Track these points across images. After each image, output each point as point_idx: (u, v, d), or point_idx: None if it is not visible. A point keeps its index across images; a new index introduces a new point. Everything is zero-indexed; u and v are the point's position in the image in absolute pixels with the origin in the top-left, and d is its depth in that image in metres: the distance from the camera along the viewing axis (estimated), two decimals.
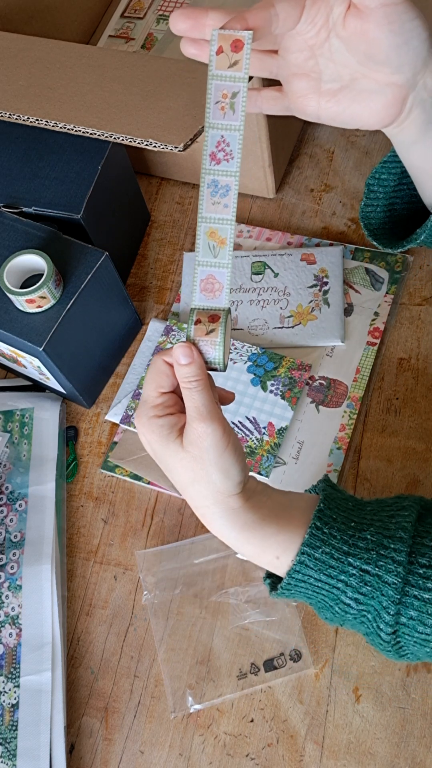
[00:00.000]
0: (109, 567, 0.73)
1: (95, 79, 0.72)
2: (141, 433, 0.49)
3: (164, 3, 1.03)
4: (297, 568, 0.48)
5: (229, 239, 0.45)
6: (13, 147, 0.79)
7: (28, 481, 0.76)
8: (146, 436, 0.49)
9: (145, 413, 0.49)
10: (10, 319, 0.69)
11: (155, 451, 0.49)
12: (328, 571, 0.47)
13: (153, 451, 0.49)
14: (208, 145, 0.44)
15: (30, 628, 0.69)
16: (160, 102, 0.68)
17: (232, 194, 0.45)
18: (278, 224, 0.87)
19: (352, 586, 0.47)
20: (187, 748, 0.65)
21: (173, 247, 0.89)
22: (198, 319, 0.46)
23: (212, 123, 0.43)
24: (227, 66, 0.43)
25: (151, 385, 0.49)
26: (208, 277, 0.46)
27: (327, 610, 0.49)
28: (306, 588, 0.49)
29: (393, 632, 0.47)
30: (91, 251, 0.72)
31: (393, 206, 0.60)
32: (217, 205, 0.45)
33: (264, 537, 0.49)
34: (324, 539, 0.47)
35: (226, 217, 0.45)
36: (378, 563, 0.46)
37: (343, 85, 0.49)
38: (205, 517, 0.49)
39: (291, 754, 0.63)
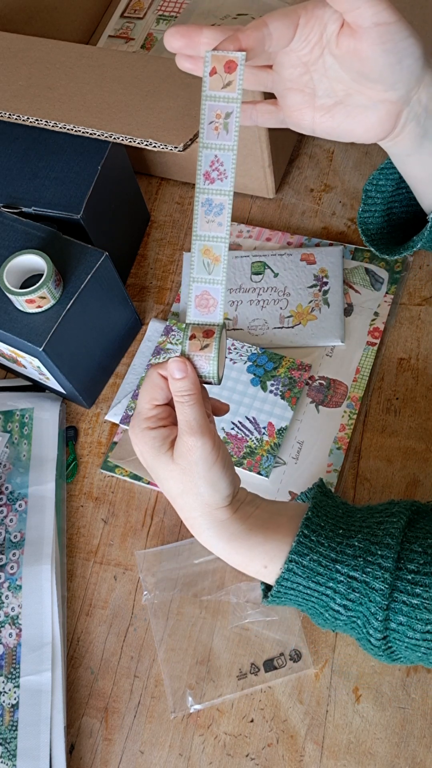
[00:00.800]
0: (109, 567, 0.73)
1: (95, 79, 0.72)
2: (134, 444, 0.50)
3: (164, 3, 1.03)
4: (285, 576, 0.48)
5: (223, 256, 0.46)
6: (13, 147, 0.79)
7: (28, 481, 0.76)
8: (139, 446, 0.50)
9: (138, 425, 0.50)
10: (10, 319, 0.69)
11: (147, 461, 0.50)
12: (316, 579, 0.47)
13: (145, 461, 0.50)
14: (202, 165, 0.45)
15: (30, 628, 0.69)
16: (160, 102, 0.68)
17: (226, 213, 0.46)
18: (278, 224, 0.87)
19: (340, 593, 0.47)
20: (187, 748, 0.65)
21: (173, 247, 0.89)
22: (192, 334, 0.47)
23: (206, 143, 0.44)
24: (221, 87, 0.43)
25: (145, 397, 0.50)
26: (203, 293, 0.47)
27: (318, 616, 0.50)
28: (296, 595, 0.49)
29: (383, 638, 0.47)
30: (91, 251, 0.72)
31: (391, 211, 0.60)
32: (212, 224, 0.46)
33: (251, 547, 0.49)
34: (311, 547, 0.48)
35: (220, 235, 0.46)
36: (365, 570, 0.46)
37: (338, 101, 0.49)
38: (193, 528, 0.50)
39: (291, 754, 0.63)
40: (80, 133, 0.66)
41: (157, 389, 0.49)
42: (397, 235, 0.61)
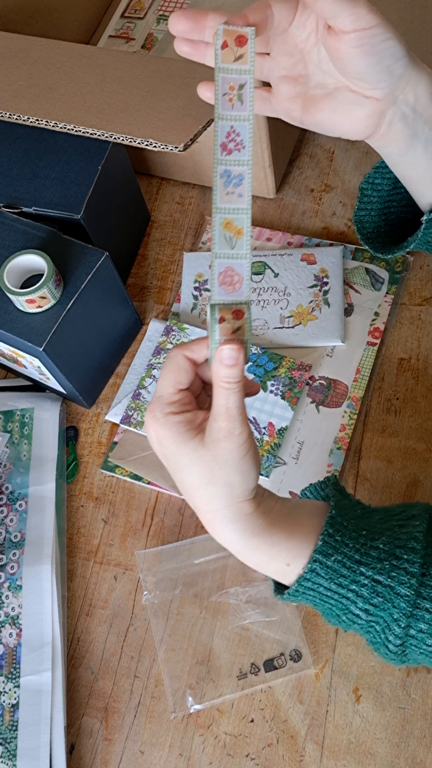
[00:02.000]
0: (109, 567, 0.73)
1: (95, 79, 0.72)
2: (152, 430, 0.47)
3: (164, 3, 1.03)
4: (308, 576, 0.46)
5: (246, 229, 0.44)
6: (13, 147, 0.79)
7: (28, 481, 0.76)
8: (159, 432, 0.47)
9: (161, 409, 0.47)
10: (10, 319, 0.69)
11: (167, 448, 0.47)
12: (338, 580, 0.46)
13: (163, 448, 0.47)
14: (219, 136, 0.44)
15: (30, 628, 0.69)
16: (160, 102, 0.68)
17: (246, 183, 0.44)
18: (278, 224, 0.87)
19: (363, 597, 0.46)
20: (187, 748, 0.65)
21: (173, 247, 0.89)
22: (222, 317, 0.45)
23: (221, 114, 0.44)
24: (233, 60, 0.43)
25: (168, 381, 0.47)
26: (226, 270, 0.45)
27: (332, 617, 0.48)
28: (314, 596, 0.47)
29: (401, 644, 0.46)
30: (91, 251, 0.72)
31: (389, 210, 0.60)
32: (231, 195, 0.44)
33: (273, 543, 0.47)
34: (336, 547, 0.46)
35: (241, 207, 0.44)
36: (391, 574, 0.45)
37: (327, 93, 0.50)
38: (213, 521, 0.48)
39: (291, 754, 0.63)
40: (80, 133, 0.66)
41: (182, 372, 0.47)
42: (395, 235, 0.61)
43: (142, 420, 0.76)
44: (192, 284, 0.84)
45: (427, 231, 0.54)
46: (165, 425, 0.46)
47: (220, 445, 0.45)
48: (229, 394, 0.45)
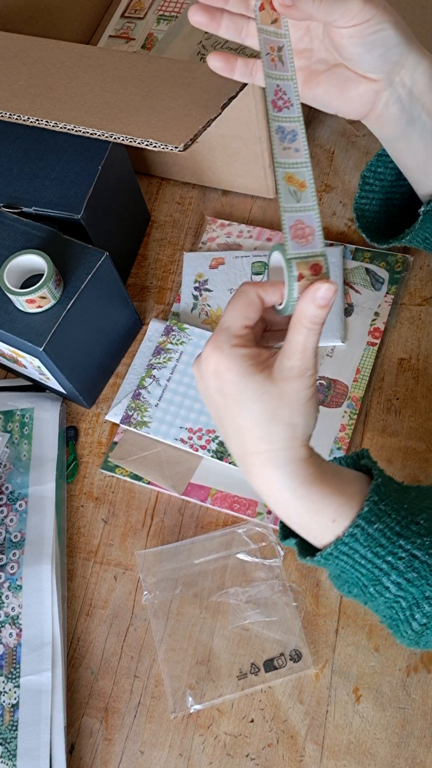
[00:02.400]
0: (109, 567, 0.73)
1: (95, 79, 0.72)
2: (213, 362, 0.45)
3: (164, 3, 1.03)
4: (346, 540, 0.45)
5: (309, 182, 0.45)
6: (13, 147, 0.79)
7: (28, 481, 0.76)
8: (222, 364, 0.45)
9: (227, 341, 0.45)
10: (10, 319, 0.69)
11: (227, 381, 0.45)
12: (376, 549, 0.45)
13: (222, 382, 0.45)
14: (269, 94, 0.45)
15: (30, 628, 0.69)
16: (160, 102, 0.68)
17: (301, 138, 0.45)
18: (279, 224, 0.87)
19: (398, 570, 0.44)
20: (187, 748, 0.65)
21: (173, 247, 0.89)
22: (300, 274, 0.44)
23: (268, 73, 0.45)
24: (270, 22, 0.45)
25: (238, 314, 0.46)
26: (296, 223, 0.44)
27: (356, 587, 0.47)
28: (345, 561, 0.46)
29: (425, 623, 0.45)
30: (91, 251, 0.72)
31: (391, 202, 0.59)
32: (288, 150, 0.45)
33: (324, 496, 0.46)
34: (379, 515, 0.45)
35: (299, 161, 0.45)
36: (429, 551, 0.44)
37: (327, 69, 0.51)
38: (265, 464, 0.46)
39: (291, 754, 0.63)
40: (81, 133, 0.66)
41: (253, 309, 0.46)
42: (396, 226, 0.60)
43: (143, 420, 0.76)
44: (192, 284, 0.84)
45: (425, 224, 0.54)
46: (230, 357, 0.45)
47: (290, 384, 0.44)
48: (310, 334, 0.44)
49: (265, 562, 0.70)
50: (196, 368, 0.47)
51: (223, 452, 0.73)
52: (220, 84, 0.68)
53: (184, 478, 0.74)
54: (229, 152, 0.83)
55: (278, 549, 0.70)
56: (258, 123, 0.77)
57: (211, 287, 0.83)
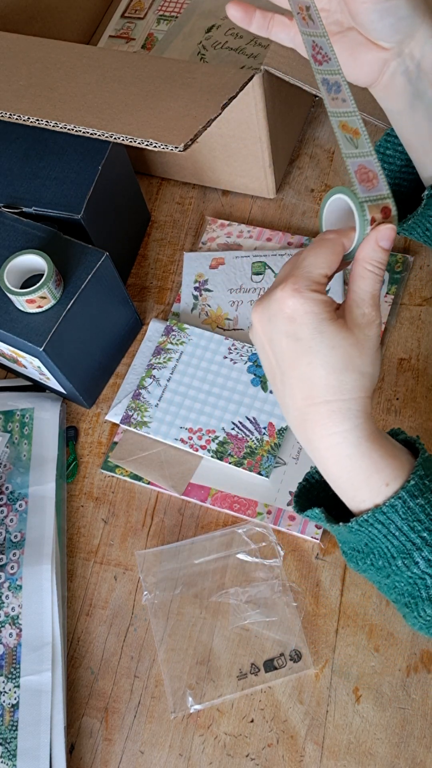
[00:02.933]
0: (109, 567, 0.73)
1: (95, 80, 0.72)
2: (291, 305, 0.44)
3: (164, 3, 1.03)
4: (385, 510, 0.45)
5: (361, 129, 0.46)
6: (13, 147, 0.79)
7: (29, 481, 0.76)
8: (300, 308, 0.44)
9: (307, 286, 0.44)
10: (10, 319, 0.69)
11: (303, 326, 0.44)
12: (413, 524, 0.44)
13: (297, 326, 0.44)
14: (308, 49, 0.47)
15: (30, 628, 0.69)
16: (161, 102, 0.68)
17: (345, 89, 0.46)
18: (279, 224, 0.87)
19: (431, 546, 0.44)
20: (187, 749, 0.65)
21: (173, 247, 0.89)
22: (372, 218, 0.44)
23: (302, 30, 0.47)
24: None
25: (322, 261, 0.45)
26: (360, 168, 0.45)
27: (382, 558, 0.46)
28: (379, 531, 0.45)
29: None
30: (91, 251, 0.72)
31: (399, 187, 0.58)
32: (336, 101, 0.46)
33: (382, 456, 0.45)
34: (423, 490, 0.45)
35: (348, 110, 0.46)
36: None
37: (341, 31, 0.51)
38: (334, 414, 0.45)
39: (291, 754, 0.63)
40: (81, 133, 0.66)
41: (336, 258, 0.45)
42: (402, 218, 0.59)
43: (143, 420, 0.76)
44: (192, 284, 0.84)
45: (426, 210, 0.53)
46: (310, 301, 0.44)
47: (363, 332, 0.44)
48: (376, 280, 0.44)
49: (265, 562, 0.70)
50: (263, 311, 0.46)
51: (223, 452, 0.73)
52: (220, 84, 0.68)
53: (184, 478, 0.74)
54: (229, 152, 0.83)
55: (278, 549, 0.70)
56: (258, 123, 0.77)
57: (211, 287, 0.83)
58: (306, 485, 0.52)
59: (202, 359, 0.78)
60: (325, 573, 0.69)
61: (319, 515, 0.48)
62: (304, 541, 0.70)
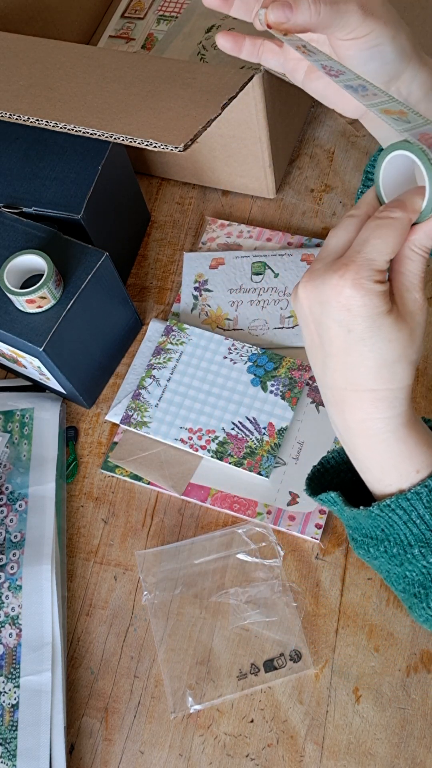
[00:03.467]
0: (109, 567, 0.73)
1: (95, 80, 0.72)
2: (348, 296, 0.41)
3: (164, 3, 1.03)
4: (409, 497, 0.44)
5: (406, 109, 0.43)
6: (13, 147, 0.79)
7: (28, 481, 0.76)
8: (360, 300, 0.41)
9: (371, 276, 0.41)
10: (10, 320, 0.69)
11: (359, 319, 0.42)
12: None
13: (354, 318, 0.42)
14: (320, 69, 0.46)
15: (30, 628, 0.69)
16: (160, 102, 0.68)
17: (371, 87, 0.44)
18: (278, 224, 0.87)
19: None
20: (187, 749, 0.65)
21: (173, 247, 0.89)
22: None
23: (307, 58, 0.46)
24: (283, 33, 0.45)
25: (387, 247, 0.42)
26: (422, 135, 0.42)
27: (398, 545, 0.46)
28: (399, 517, 0.45)
29: None
30: (91, 251, 0.72)
31: None
32: (367, 96, 0.44)
33: (417, 443, 0.45)
34: None
35: (384, 99, 0.44)
36: None
37: None
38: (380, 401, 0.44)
39: (291, 754, 0.63)
40: (81, 133, 0.66)
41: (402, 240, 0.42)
42: None
43: (143, 420, 0.76)
44: (192, 284, 0.84)
45: None
46: (371, 293, 0.41)
47: (416, 319, 0.43)
48: (423, 261, 0.43)
49: (265, 562, 0.70)
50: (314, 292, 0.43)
51: (223, 452, 0.73)
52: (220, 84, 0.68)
53: (184, 478, 0.74)
54: (229, 152, 0.83)
55: (278, 549, 0.70)
56: (258, 123, 0.77)
57: (211, 287, 0.83)
58: (320, 469, 0.52)
59: (202, 359, 0.78)
60: (325, 573, 0.69)
61: (335, 499, 0.48)
62: (304, 541, 0.70)
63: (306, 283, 0.44)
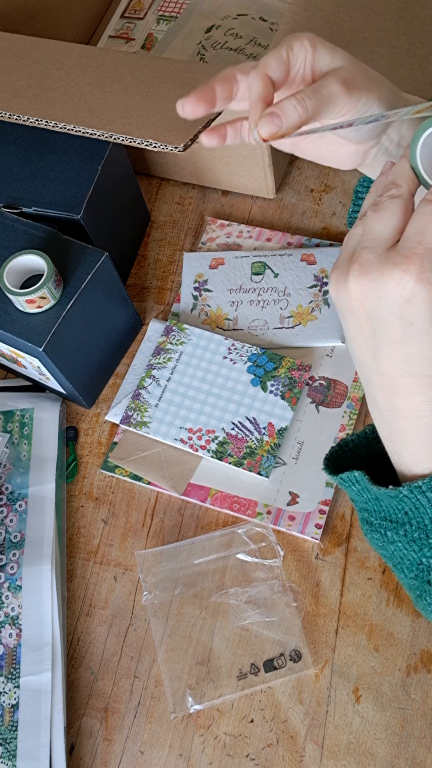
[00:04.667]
0: (109, 567, 0.73)
1: (95, 80, 0.72)
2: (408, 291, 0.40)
3: (164, 3, 1.03)
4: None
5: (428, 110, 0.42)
6: (13, 147, 0.79)
7: (28, 481, 0.76)
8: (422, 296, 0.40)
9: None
10: (10, 320, 0.69)
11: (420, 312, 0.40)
12: None
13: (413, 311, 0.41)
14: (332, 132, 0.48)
15: (30, 628, 0.69)
16: (160, 102, 0.68)
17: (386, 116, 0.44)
18: (278, 224, 0.87)
19: None
20: (187, 749, 0.65)
21: (173, 247, 0.89)
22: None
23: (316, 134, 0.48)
24: None
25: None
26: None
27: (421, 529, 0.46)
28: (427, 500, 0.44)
29: None
30: (91, 251, 0.72)
31: None
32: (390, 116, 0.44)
33: None
34: None
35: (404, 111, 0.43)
36: None
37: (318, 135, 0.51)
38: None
39: (291, 754, 0.63)
40: (80, 133, 0.66)
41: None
42: None
43: (142, 420, 0.76)
44: (192, 284, 0.84)
45: None
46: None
47: None
48: None
49: (264, 563, 0.70)
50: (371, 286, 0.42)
51: (223, 452, 0.73)
52: None
53: (184, 479, 0.74)
54: (229, 152, 0.83)
55: (278, 549, 0.70)
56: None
57: (211, 287, 0.83)
58: (338, 450, 0.51)
59: (202, 359, 0.78)
60: (325, 573, 0.69)
61: (360, 478, 0.47)
62: (304, 541, 0.70)
63: (360, 276, 0.42)
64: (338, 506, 0.71)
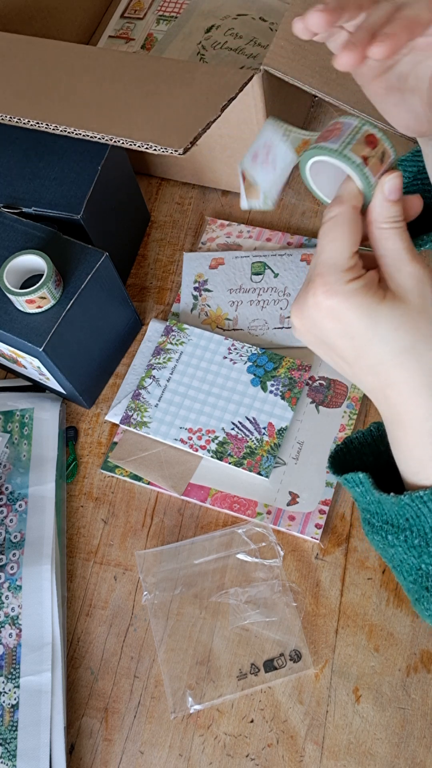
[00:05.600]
0: (109, 567, 0.73)
1: (95, 80, 0.72)
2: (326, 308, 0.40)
3: (164, 3, 1.03)
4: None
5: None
6: (13, 147, 0.79)
7: (28, 481, 0.76)
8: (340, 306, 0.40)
9: (338, 280, 0.40)
10: (10, 320, 0.69)
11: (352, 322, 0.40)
12: None
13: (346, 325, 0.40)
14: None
15: (30, 628, 0.69)
16: (160, 103, 0.68)
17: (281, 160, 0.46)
18: (278, 224, 0.87)
19: None
20: (187, 749, 0.65)
21: (173, 247, 0.89)
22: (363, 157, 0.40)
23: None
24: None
25: (343, 245, 0.41)
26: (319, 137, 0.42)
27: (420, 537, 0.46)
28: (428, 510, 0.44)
29: None
30: (91, 251, 0.72)
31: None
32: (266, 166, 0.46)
33: None
34: None
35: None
36: None
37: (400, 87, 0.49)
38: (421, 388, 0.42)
39: (291, 754, 0.63)
40: (80, 136, 0.66)
41: (356, 229, 0.41)
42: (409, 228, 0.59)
43: (142, 420, 0.76)
44: (192, 284, 0.84)
45: None
46: (349, 296, 0.40)
47: (415, 292, 0.41)
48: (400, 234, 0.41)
49: (264, 563, 0.70)
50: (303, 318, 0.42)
51: (222, 452, 0.73)
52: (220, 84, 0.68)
53: (184, 479, 0.74)
54: (229, 152, 0.83)
55: (278, 549, 0.70)
56: (258, 123, 0.77)
57: (211, 287, 0.83)
58: (343, 449, 0.51)
59: (202, 359, 0.78)
60: (325, 573, 0.69)
61: (363, 480, 0.46)
62: (304, 541, 0.70)
63: (295, 312, 0.43)
64: (338, 506, 0.71)
